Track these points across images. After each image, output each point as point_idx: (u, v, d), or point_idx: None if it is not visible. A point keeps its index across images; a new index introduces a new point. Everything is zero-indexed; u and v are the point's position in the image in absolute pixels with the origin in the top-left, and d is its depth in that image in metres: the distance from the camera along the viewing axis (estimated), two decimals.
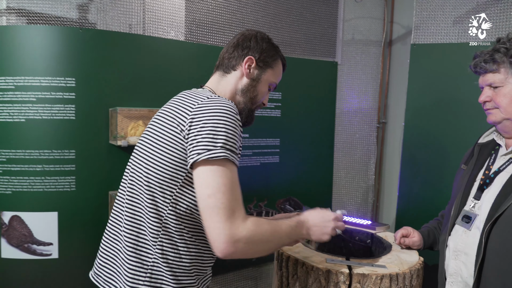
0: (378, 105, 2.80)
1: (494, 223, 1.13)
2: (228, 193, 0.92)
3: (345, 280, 1.27)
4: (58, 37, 1.61)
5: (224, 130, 0.94)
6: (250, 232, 0.92)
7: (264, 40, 1.18)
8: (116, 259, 1.06)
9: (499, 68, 1.17)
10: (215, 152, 0.92)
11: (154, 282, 1.01)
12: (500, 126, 1.21)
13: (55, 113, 1.63)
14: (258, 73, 1.17)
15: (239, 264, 2.12)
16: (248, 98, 1.17)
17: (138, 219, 1.03)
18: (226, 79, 1.17)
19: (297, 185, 2.32)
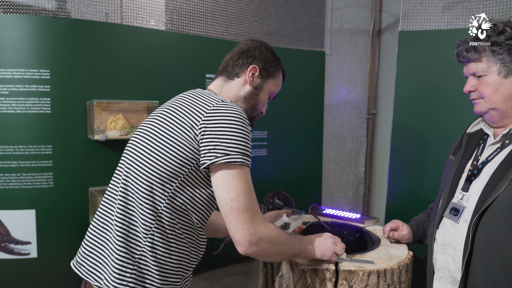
0: (368, 95, 2.75)
1: (482, 216, 1.09)
2: (249, 196, 1.00)
3: (331, 277, 1.22)
4: (31, 27, 1.53)
5: (241, 135, 1.00)
6: (271, 232, 1.02)
7: (268, 51, 1.24)
8: (104, 249, 1.06)
9: (481, 57, 1.13)
10: (233, 157, 0.98)
11: (140, 276, 1.02)
12: (487, 116, 1.18)
13: (30, 106, 1.56)
14: (260, 82, 1.21)
15: (227, 260, 2.08)
16: (250, 106, 1.21)
17: (130, 210, 1.04)
18: (229, 85, 1.21)
19: (286, 179, 2.27)
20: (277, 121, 2.20)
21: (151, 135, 1.06)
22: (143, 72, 1.75)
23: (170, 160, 1.01)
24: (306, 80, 2.28)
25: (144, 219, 1.02)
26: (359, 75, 2.56)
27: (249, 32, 2.13)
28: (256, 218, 1.00)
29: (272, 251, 1.04)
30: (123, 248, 1.02)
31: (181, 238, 1.06)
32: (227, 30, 2.03)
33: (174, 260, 1.05)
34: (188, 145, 1.01)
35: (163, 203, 1.02)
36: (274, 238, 1.03)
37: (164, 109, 1.10)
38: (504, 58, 1.09)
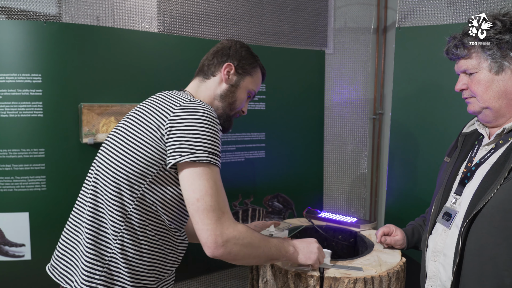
0: (374, 95, 2.67)
1: (472, 221, 1.02)
2: (216, 195, 0.96)
3: (315, 284, 1.18)
4: (22, 31, 1.55)
5: (207, 134, 0.98)
6: (240, 234, 0.98)
7: (243, 49, 1.24)
8: (75, 252, 1.06)
9: (470, 53, 1.06)
10: (198, 155, 0.96)
11: (110, 278, 1.01)
12: (481, 116, 1.11)
13: (22, 110, 1.57)
14: (237, 79, 1.21)
15: (224, 264, 2.05)
16: (227, 104, 1.21)
17: (100, 212, 1.04)
18: (205, 85, 1.22)
19: (286, 181, 2.23)
20: (275, 123, 2.16)
21: (120, 137, 1.06)
22: (135, 75, 1.74)
23: (137, 161, 1.00)
24: (306, 80, 2.24)
25: (113, 221, 1.01)
26: (362, 73, 2.49)
27: (245, 32, 2.11)
28: (224, 219, 0.96)
29: (243, 253, 1.00)
30: (92, 250, 1.01)
31: (154, 240, 1.04)
32: (221, 31, 2.01)
33: (146, 262, 1.03)
34: (155, 145, 1.00)
35: (132, 204, 1.01)
36: (244, 240, 0.99)
37: (134, 111, 1.10)
38: (494, 53, 1.02)
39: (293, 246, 1.16)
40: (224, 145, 2.02)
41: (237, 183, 2.08)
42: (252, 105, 2.08)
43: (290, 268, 1.22)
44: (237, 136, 2.06)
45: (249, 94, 1.26)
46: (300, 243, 1.19)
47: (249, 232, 1.02)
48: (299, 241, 1.20)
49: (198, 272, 2.00)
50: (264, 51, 2.09)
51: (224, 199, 0.99)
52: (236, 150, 2.07)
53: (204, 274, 2.04)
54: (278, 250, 1.10)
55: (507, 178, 0.98)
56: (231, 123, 1.26)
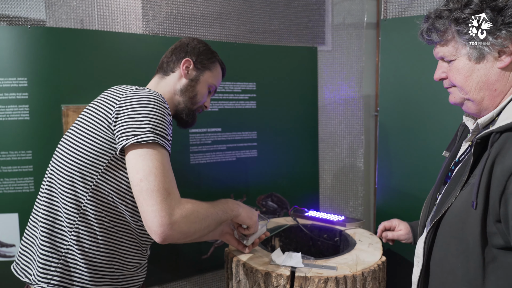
0: (376, 91, 2.60)
1: (438, 228, 0.93)
2: (161, 175, 0.93)
3: (285, 284, 1.14)
4: (7, 36, 1.59)
5: (151, 115, 0.97)
6: (186, 211, 0.93)
7: (201, 44, 1.28)
8: (32, 247, 1.07)
9: (445, 39, 0.92)
10: (143, 136, 0.94)
11: (67, 270, 1.01)
12: (464, 108, 0.97)
13: (9, 114, 1.62)
14: (196, 74, 1.25)
15: (217, 264, 2.03)
16: (187, 98, 1.24)
17: (55, 206, 1.04)
18: (165, 81, 1.25)
19: (279, 181, 2.19)
20: (267, 121, 2.13)
21: (72, 131, 1.08)
22: (120, 76, 1.76)
23: (87, 152, 1.01)
24: (298, 78, 2.20)
25: (67, 213, 1.01)
26: (359, 70, 2.42)
27: (233, 30, 2.09)
28: (170, 199, 0.92)
29: (194, 229, 0.96)
30: (47, 243, 1.02)
31: (113, 232, 1.04)
32: (208, 31, 2.00)
33: (104, 254, 1.03)
34: (103, 135, 1.00)
35: (86, 196, 1.01)
36: (191, 216, 0.95)
37: (87, 107, 1.12)
38: (473, 38, 0.86)
39: (237, 204, 1.18)
40: (215, 144, 2.01)
41: (229, 183, 2.06)
42: (242, 104, 2.07)
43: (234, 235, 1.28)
44: (228, 135, 2.04)
45: (209, 89, 1.29)
46: (243, 205, 1.22)
47: (195, 206, 0.98)
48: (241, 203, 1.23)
49: (191, 273, 2.00)
50: (254, 49, 2.08)
51: (171, 180, 0.95)
52: (227, 150, 2.05)
53: (197, 274, 2.04)
54: (225, 212, 1.10)
55: (466, 184, 0.88)
56: (194, 118, 1.29)
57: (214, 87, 1.30)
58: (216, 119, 2.01)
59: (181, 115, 1.26)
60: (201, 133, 1.97)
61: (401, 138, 1.71)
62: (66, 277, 1.02)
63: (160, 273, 1.90)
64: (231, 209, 1.13)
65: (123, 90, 1.06)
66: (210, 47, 1.30)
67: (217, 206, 1.07)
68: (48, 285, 1.01)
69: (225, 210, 1.10)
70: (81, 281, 1.02)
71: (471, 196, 0.83)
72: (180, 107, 1.24)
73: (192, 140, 1.95)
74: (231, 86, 2.04)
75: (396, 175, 1.74)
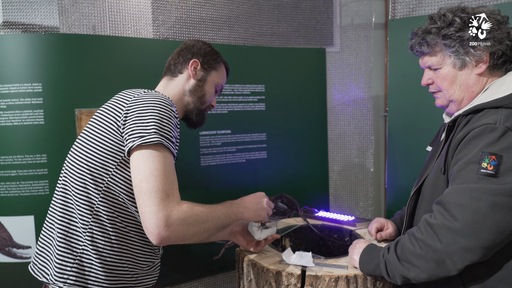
0: (385, 91, 2.59)
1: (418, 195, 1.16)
2: (161, 177, 0.93)
3: (296, 283, 1.15)
4: (22, 43, 1.64)
5: (158, 117, 0.98)
6: (184, 214, 0.93)
7: (206, 45, 1.31)
8: (49, 247, 1.10)
9: (434, 51, 1.10)
10: (148, 137, 0.95)
11: (82, 270, 1.04)
12: (448, 109, 1.15)
13: (25, 118, 1.66)
14: (203, 74, 1.28)
15: (228, 265, 2.05)
16: (196, 98, 1.27)
17: (69, 207, 1.07)
18: (174, 82, 1.27)
19: (289, 182, 2.20)
20: (276, 123, 2.15)
21: (83, 134, 1.11)
22: (132, 80, 1.79)
23: (97, 154, 1.03)
24: (306, 79, 2.21)
25: (82, 214, 1.04)
26: (368, 71, 2.42)
27: (242, 34, 2.11)
28: (168, 201, 0.91)
29: (191, 232, 0.95)
30: (63, 243, 1.05)
31: (125, 232, 1.07)
32: (217, 34, 2.03)
33: (118, 254, 1.06)
34: (112, 137, 1.02)
35: (98, 198, 1.03)
36: (189, 219, 0.94)
37: (98, 110, 1.15)
38: (457, 50, 1.05)
39: (242, 207, 1.15)
40: (225, 146, 2.03)
41: (238, 184, 2.08)
42: (251, 106, 2.08)
43: None
44: (238, 137, 2.06)
45: (216, 88, 1.32)
46: (249, 201, 1.19)
47: (194, 209, 0.97)
48: (247, 200, 1.19)
49: (202, 273, 2.02)
50: (262, 51, 2.10)
51: (171, 182, 0.95)
52: (237, 152, 2.07)
53: (208, 275, 2.05)
54: (227, 217, 1.08)
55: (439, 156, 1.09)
56: (204, 117, 1.32)
57: (220, 86, 1.33)
58: (226, 121, 2.03)
59: (190, 116, 1.29)
60: (211, 135, 1.99)
61: (410, 138, 1.71)
62: (81, 277, 1.04)
63: (172, 274, 1.93)
64: (234, 213, 1.12)
65: (132, 94, 1.09)
66: (214, 48, 1.33)
67: (219, 210, 1.06)
68: (64, 285, 1.04)
69: (228, 214, 1.09)
70: (96, 280, 1.04)
71: (440, 165, 1.06)
72: (190, 107, 1.27)
73: (202, 142, 1.97)
74: (240, 89, 2.06)
75: (405, 175, 1.73)
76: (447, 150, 1.04)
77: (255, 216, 1.19)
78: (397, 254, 1.02)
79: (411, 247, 0.98)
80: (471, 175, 0.93)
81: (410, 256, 0.98)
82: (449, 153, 1.03)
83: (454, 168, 0.98)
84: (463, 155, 0.97)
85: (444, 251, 0.91)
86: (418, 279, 0.97)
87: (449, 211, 0.93)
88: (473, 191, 0.91)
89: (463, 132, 1.00)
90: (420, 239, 0.97)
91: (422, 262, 0.95)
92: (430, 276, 0.95)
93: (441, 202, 0.96)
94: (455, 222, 0.91)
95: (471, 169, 0.93)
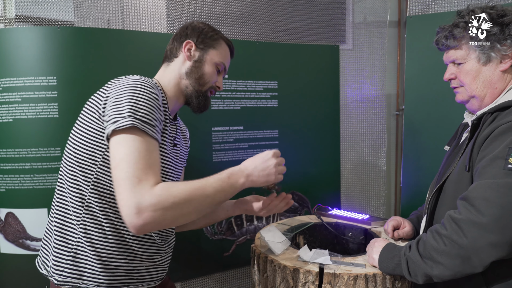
0: (397, 90, 2.57)
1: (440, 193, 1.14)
2: (133, 162, 0.87)
3: (314, 280, 1.14)
4: (37, 37, 1.63)
5: (132, 100, 0.93)
6: (158, 198, 0.85)
7: (201, 24, 1.24)
8: (49, 240, 1.10)
9: (460, 44, 1.10)
10: (122, 121, 0.91)
11: (78, 262, 1.03)
12: (468, 105, 1.15)
13: (39, 112, 1.66)
14: (200, 54, 1.20)
15: (239, 261, 2.04)
16: (194, 79, 1.19)
17: (64, 200, 1.06)
18: (170, 67, 1.22)
19: (301, 179, 2.19)
20: (288, 120, 2.14)
21: (74, 126, 1.09)
22: (145, 74, 1.74)
23: (84, 146, 1.01)
24: (319, 76, 2.20)
25: (74, 207, 1.03)
26: (381, 69, 2.40)
27: (256, 30, 2.10)
28: (140, 187, 0.85)
29: (170, 217, 0.87)
30: (59, 236, 1.05)
31: (119, 223, 1.04)
32: (231, 30, 2.02)
33: (114, 246, 1.04)
34: (95, 126, 1.00)
35: (88, 190, 1.02)
36: (165, 202, 0.86)
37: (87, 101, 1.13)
38: (482, 45, 1.06)
39: (243, 177, 1.01)
40: (237, 142, 2.02)
41: None
42: (264, 103, 2.07)
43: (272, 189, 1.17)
44: (250, 133, 2.05)
45: (218, 68, 1.22)
46: (253, 168, 1.04)
47: (172, 190, 0.88)
48: (251, 166, 1.04)
49: (212, 270, 2.01)
50: (275, 47, 2.08)
51: (145, 167, 0.88)
52: (249, 148, 2.06)
53: (219, 271, 2.05)
54: (222, 192, 0.97)
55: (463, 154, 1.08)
56: (207, 101, 1.23)
57: (222, 65, 1.23)
58: (238, 117, 2.02)
59: (190, 99, 1.21)
60: (223, 131, 1.99)
61: (427, 137, 1.69)
62: (76, 269, 1.03)
63: (182, 270, 1.92)
64: (232, 186, 0.99)
65: (113, 81, 1.05)
66: (212, 26, 1.26)
67: (210, 186, 0.95)
68: (59, 277, 1.03)
69: (223, 188, 0.97)
70: (92, 273, 1.03)
71: (464, 162, 1.04)
72: (188, 90, 1.20)
73: (214, 138, 1.97)
74: (253, 85, 2.04)
75: (421, 175, 1.71)
76: (472, 147, 1.03)
77: (261, 183, 1.05)
78: (420, 251, 1.01)
79: (435, 244, 0.97)
80: (498, 171, 0.91)
81: (434, 253, 0.96)
82: (474, 150, 1.02)
83: (480, 164, 0.97)
84: (489, 151, 0.96)
85: (470, 246, 0.90)
86: (442, 277, 0.96)
87: (475, 206, 0.91)
88: (500, 186, 0.89)
89: (489, 129, 0.99)
90: (444, 235, 0.95)
91: (446, 258, 0.94)
92: (455, 274, 0.94)
93: (466, 197, 0.95)
94: (481, 216, 0.90)
95: (497, 164, 0.92)
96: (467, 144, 1.08)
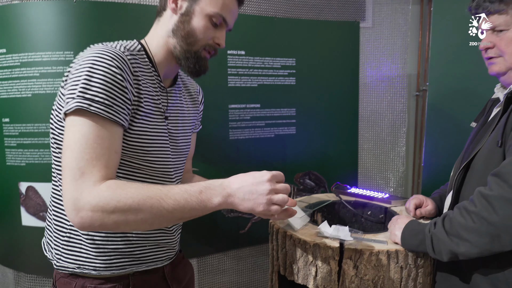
0: (418, 70, 2.49)
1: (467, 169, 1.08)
2: (77, 151, 0.77)
3: (335, 256, 1.13)
4: (54, 11, 1.62)
5: (86, 77, 0.81)
6: (98, 198, 0.75)
7: None
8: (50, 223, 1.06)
9: (507, 9, 1.01)
10: (70, 103, 0.80)
11: (72, 247, 0.97)
12: (505, 77, 1.07)
13: (57, 86, 1.66)
14: (188, 5, 0.98)
15: (255, 239, 2.05)
16: (180, 37, 0.99)
17: (55, 180, 1.00)
18: (159, 25, 1.05)
19: (317, 158, 2.16)
20: (306, 98, 2.10)
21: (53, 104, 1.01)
22: None
23: (56, 127, 0.93)
24: (339, 54, 2.14)
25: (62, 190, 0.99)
26: (403, 47, 2.32)
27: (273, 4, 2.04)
28: (82, 181, 0.76)
29: (112, 222, 0.76)
30: (55, 220, 1.00)
31: None
32: (247, 5, 1.97)
33: None
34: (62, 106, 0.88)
35: None
36: (107, 205, 0.75)
37: None
38: None
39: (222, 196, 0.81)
40: (254, 120, 1.99)
41: (267, 159, 2.05)
42: (282, 80, 2.03)
43: None
44: (266, 111, 2.02)
45: (214, 21, 0.99)
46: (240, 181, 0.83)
47: (118, 193, 0.76)
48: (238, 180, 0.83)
49: (228, 246, 2.02)
50: (294, 23, 2.03)
51: (91, 157, 0.77)
52: (266, 126, 2.04)
53: (234, 248, 2.06)
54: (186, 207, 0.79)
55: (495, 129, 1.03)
56: (200, 62, 1.02)
57: (219, 17, 0.98)
58: (255, 95, 1.99)
59: (179, 61, 1.02)
60: (240, 108, 1.96)
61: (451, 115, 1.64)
62: (71, 253, 0.98)
63: (198, 245, 1.94)
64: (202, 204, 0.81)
65: (81, 53, 0.91)
66: None
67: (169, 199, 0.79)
68: (58, 261, 1.00)
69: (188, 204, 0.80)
70: (88, 257, 0.97)
71: (496, 137, 0.98)
72: (177, 51, 1.00)
73: (231, 115, 1.94)
74: (271, 62, 2.00)
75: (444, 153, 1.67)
76: (506, 122, 0.98)
77: (245, 209, 0.83)
78: (445, 228, 0.98)
79: (462, 221, 0.94)
80: None
81: (461, 230, 0.94)
82: (507, 125, 0.98)
83: None
84: None
85: (501, 224, 0.87)
86: (468, 255, 0.93)
87: (508, 182, 0.88)
88: None
89: None
90: (473, 211, 0.92)
91: (474, 236, 0.91)
92: (482, 252, 0.91)
93: (498, 173, 0.91)
94: None
95: None
96: (500, 119, 1.03)
